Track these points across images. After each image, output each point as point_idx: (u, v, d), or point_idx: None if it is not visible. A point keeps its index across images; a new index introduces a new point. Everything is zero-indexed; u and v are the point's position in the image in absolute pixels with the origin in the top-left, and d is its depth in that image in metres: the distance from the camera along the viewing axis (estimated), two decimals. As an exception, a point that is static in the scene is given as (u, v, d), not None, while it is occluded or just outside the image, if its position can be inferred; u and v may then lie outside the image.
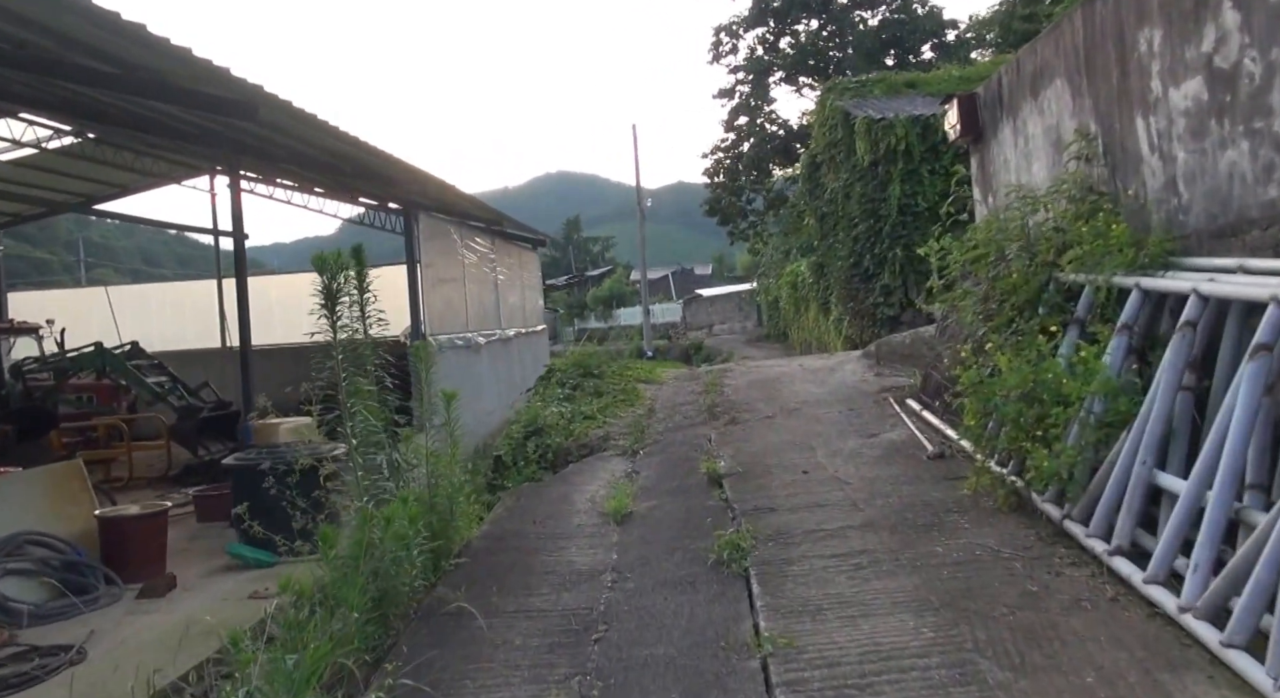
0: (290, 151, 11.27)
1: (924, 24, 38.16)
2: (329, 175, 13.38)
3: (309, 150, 11.23)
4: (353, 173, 11.99)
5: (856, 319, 16.63)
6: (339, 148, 10.91)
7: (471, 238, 15.70)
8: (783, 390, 9.79)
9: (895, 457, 6.41)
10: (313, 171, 12.70)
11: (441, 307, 13.72)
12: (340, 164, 11.57)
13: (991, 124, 7.40)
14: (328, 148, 11.01)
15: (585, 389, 10.82)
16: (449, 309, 14.11)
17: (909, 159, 14.88)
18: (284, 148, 11.19)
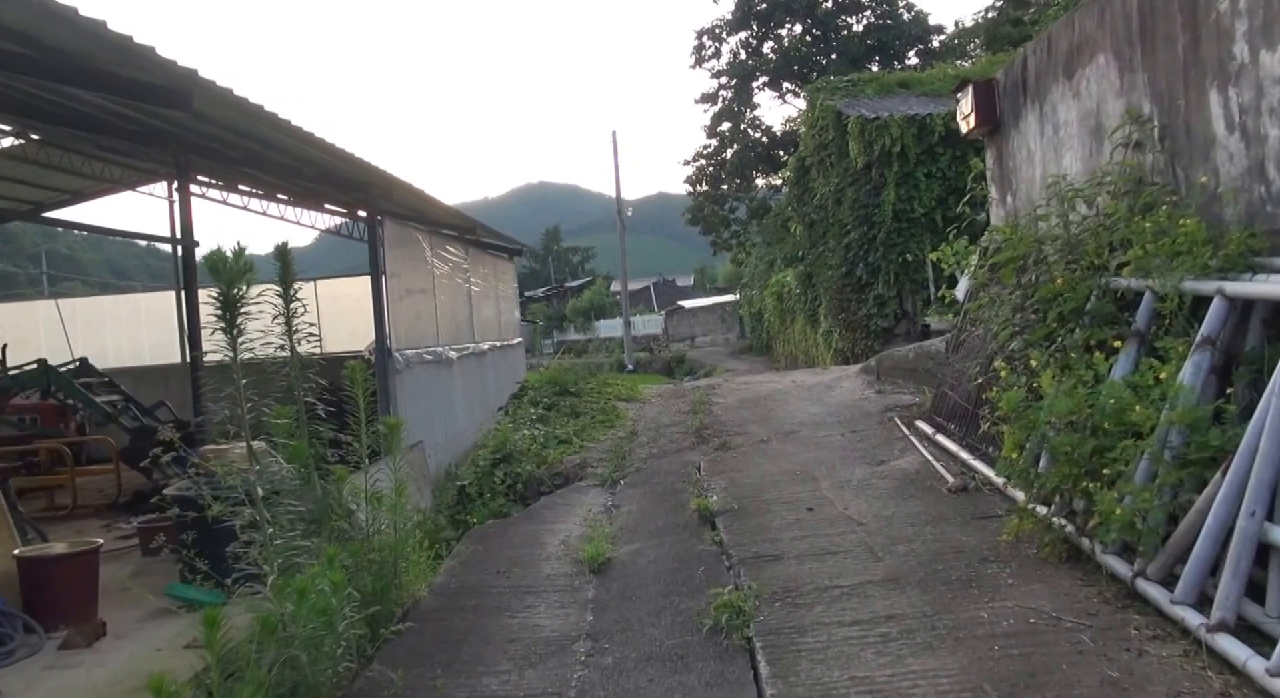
0: (246, 153, 10.41)
1: (909, 29, 37.76)
2: (289, 179, 12.54)
3: (266, 152, 10.35)
4: (314, 176, 11.13)
5: (848, 331, 15.88)
6: (298, 149, 10.06)
7: (443, 246, 14.84)
8: (777, 410, 8.99)
9: (911, 490, 5.61)
10: (271, 175, 11.81)
11: (410, 319, 12.85)
12: (300, 166, 10.71)
13: (1012, 113, 6.65)
14: (286, 149, 10.16)
15: (561, 409, 9.97)
16: (418, 322, 13.24)
17: (904, 162, 14.18)
18: (239, 149, 10.33)
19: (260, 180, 13.71)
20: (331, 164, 10.76)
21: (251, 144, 10.15)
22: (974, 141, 13.74)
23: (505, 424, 8.98)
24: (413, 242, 13.51)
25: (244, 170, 12.08)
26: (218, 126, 9.57)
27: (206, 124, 9.33)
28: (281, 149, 10.22)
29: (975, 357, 5.94)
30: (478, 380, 16.69)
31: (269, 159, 10.68)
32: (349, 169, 11.04)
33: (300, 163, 10.77)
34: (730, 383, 11.73)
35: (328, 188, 12.69)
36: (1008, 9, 32.93)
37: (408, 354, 12.05)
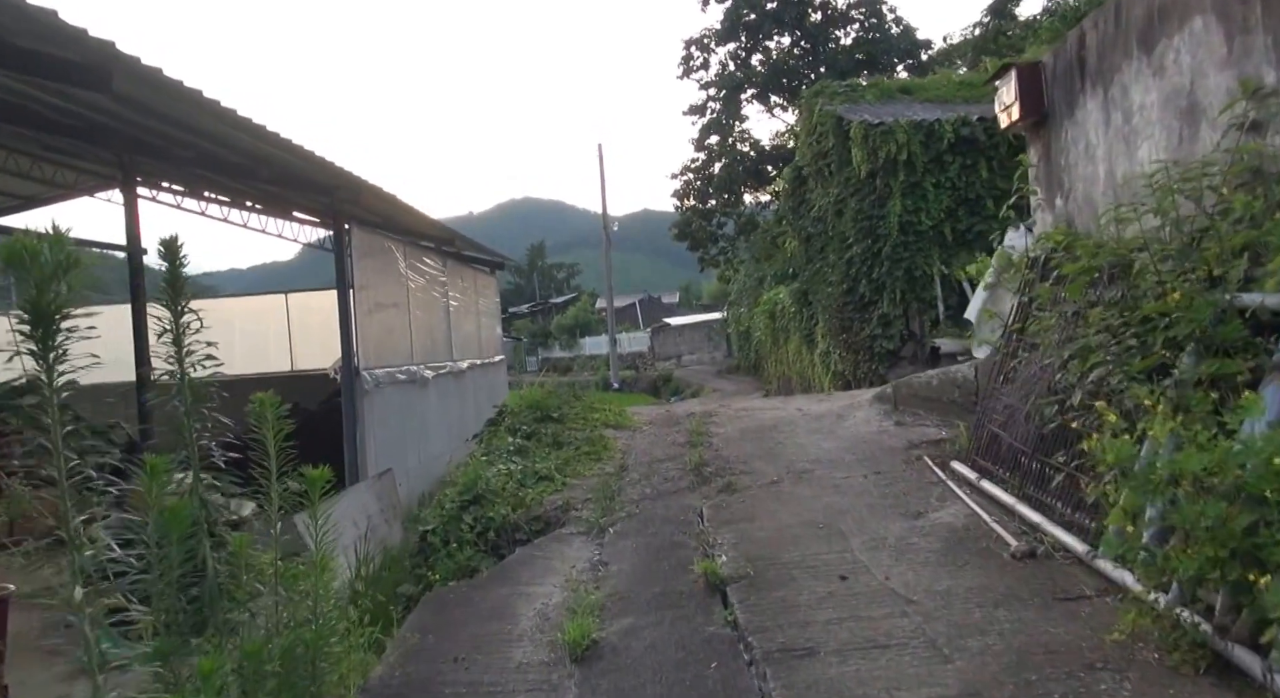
0: (198, 152, 9.35)
1: (898, 43, 37.29)
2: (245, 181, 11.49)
3: (218, 150, 9.31)
4: (272, 178, 10.06)
5: (849, 353, 14.92)
6: (252, 146, 9.03)
7: (419, 258, 13.81)
8: (785, 443, 7.96)
9: (963, 553, 4.58)
10: (226, 176, 10.76)
11: (380, 336, 11.80)
12: (257, 167, 9.65)
13: (1065, 101, 5.71)
14: (240, 146, 9.11)
15: (542, 438, 8.91)
16: (390, 339, 12.18)
17: (910, 170, 13.28)
18: (189, 147, 9.28)
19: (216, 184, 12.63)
20: (291, 164, 9.69)
21: (201, 141, 9.09)
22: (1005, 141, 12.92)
23: (478, 457, 7.90)
24: (384, 252, 12.44)
25: (196, 171, 11.02)
26: (162, 120, 8.52)
27: (149, 117, 8.26)
28: (235, 147, 9.16)
29: (1037, 390, 4.94)
30: (456, 401, 15.59)
31: (222, 158, 9.62)
32: (311, 170, 9.98)
33: (257, 162, 9.72)
34: (728, 410, 10.71)
35: (288, 190, 11.64)
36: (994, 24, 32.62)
37: (377, 374, 10.97)
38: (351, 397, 10.28)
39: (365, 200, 11.35)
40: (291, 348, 18.91)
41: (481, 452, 8.36)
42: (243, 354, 19.37)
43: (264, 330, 19.28)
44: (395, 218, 13.05)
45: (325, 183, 10.39)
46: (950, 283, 13.31)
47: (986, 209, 13.22)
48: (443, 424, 13.97)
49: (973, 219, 13.30)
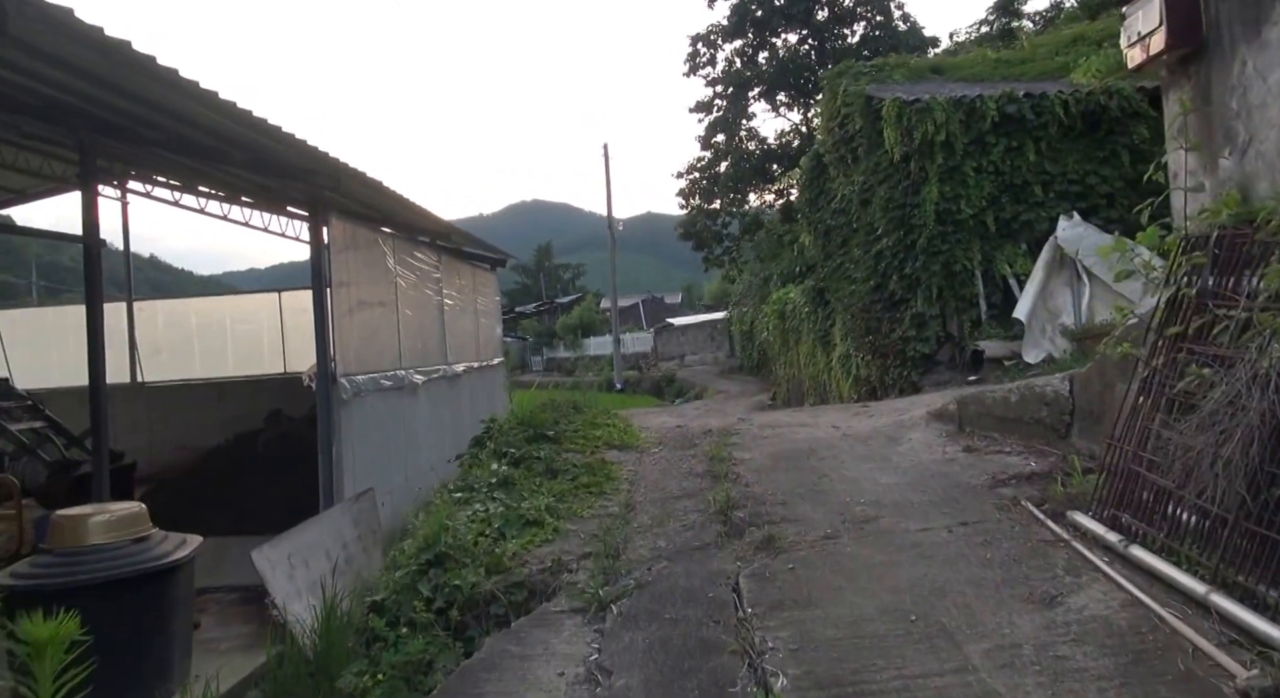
0: (167, 135, 7.95)
1: (905, 40, 35.90)
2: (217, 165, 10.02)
3: (187, 131, 7.90)
4: (246, 162, 8.62)
5: (876, 357, 13.36)
6: (220, 124, 7.62)
7: (410, 252, 12.32)
8: (831, 476, 6.39)
9: (1153, 681, 3.02)
10: (196, 159, 9.32)
11: (364, 338, 10.35)
12: (229, 150, 8.21)
13: (1240, 18, 4.14)
14: (211, 127, 7.72)
15: (532, 465, 7.36)
16: (374, 341, 10.73)
17: (949, 153, 11.73)
18: (157, 128, 7.88)
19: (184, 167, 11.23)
20: (262, 145, 8.31)
21: (166, 120, 7.71)
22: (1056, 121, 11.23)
23: (448, 496, 6.31)
24: (370, 245, 10.96)
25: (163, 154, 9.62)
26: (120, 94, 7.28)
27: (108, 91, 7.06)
28: (201, 125, 7.78)
29: (1246, 427, 3.36)
30: (449, 408, 14.09)
31: (191, 140, 8.22)
32: (284, 152, 8.59)
33: (228, 145, 8.34)
34: (750, 428, 9.12)
35: (263, 176, 10.22)
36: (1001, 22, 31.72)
37: (359, 380, 9.51)
38: (327, 407, 8.86)
39: (347, 187, 9.90)
40: (284, 349, 17.54)
41: (456, 484, 6.79)
42: (236, 356, 17.96)
43: (258, 331, 17.94)
44: (382, 208, 11.56)
45: (301, 167, 8.98)
46: (993, 278, 11.77)
47: (1033, 195, 11.69)
48: (434, 435, 12.59)
49: (1018, 207, 11.76)
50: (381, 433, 10.34)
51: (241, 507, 11.53)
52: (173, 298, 18.64)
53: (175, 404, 15.69)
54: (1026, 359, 10.77)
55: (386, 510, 8.93)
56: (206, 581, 9.08)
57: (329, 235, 9.52)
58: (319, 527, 7.37)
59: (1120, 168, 11.75)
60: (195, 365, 17.33)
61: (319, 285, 9.24)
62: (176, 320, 17.62)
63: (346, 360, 9.18)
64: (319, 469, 8.75)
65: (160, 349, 17.02)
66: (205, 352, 17.70)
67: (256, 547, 6.54)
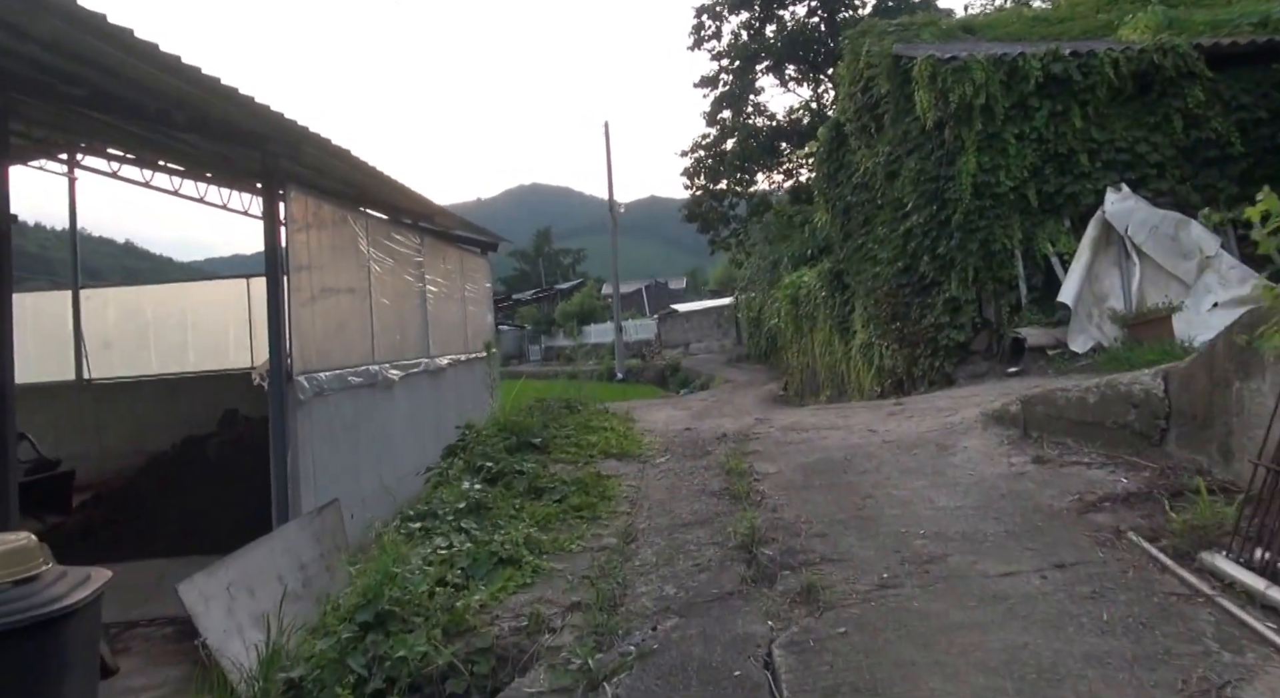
0: (92, 90, 6.80)
1: (918, 12, 34.39)
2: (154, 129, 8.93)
3: (115, 86, 6.76)
4: (189, 124, 7.47)
5: (903, 347, 12.19)
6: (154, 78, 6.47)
7: (387, 234, 11.17)
8: (876, 496, 5.25)
9: None
10: (129, 120, 8.21)
11: (329, 329, 9.22)
12: (169, 110, 7.06)
13: None
14: (137, 80, 6.57)
15: (512, 482, 6.23)
16: (341, 333, 9.60)
17: (989, 118, 10.52)
18: (78, 82, 6.74)
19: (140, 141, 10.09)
20: (205, 104, 7.17)
21: (88, 71, 6.55)
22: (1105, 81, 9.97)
23: (399, 529, 5.16)
24: (338, 224, 9.79)
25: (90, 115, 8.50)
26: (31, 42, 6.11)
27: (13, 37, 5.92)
28: (130, 79, 6.63)
29: None
30: (432, 405, 13.00)
31: (122, 97, 7.07)
32: (233, 112, 7.46)
33: (167, 104, 7.18)
34: (771, 430, 7.98)
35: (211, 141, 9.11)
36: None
37: (321, 378, 8.41)
38: (282, 409, 7.79)
39: (310, 157, 8.78)
40: (252, 342, 16.36)
41: (417, 508, 5.65)
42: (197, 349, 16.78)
43: (223, 321, 16.74)
44: (355, 183, 10.42)
45: (253, 131, 7.87)
46: (1034, 258, 10.60)
47: (1079, 165, 10.50)
48: (414, 435, 11.53)
49: (1062, 179, 10.56)
50: (349, 436, 9.34)
51: (187, 522, 10.37)
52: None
53: (127, 404, 14.62)
54: (1073, 348, 9.62)
55: (356, 523, 7.99)
56: (138, 611, 8.02)
57: (287, 211, 8.45)
58: (270, 548, 6.37)
59: (1172, 134, 10.54)
60: (151, 360, 16.21)
61: (273, 270, 8.21)
62: (130, 310, 16.41)
63: (306, 355, 8.17)
64: (272, 480, 7.77)
65: (111, 342, 15.86)
66: (162, 345, 16.54)
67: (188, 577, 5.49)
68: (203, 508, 10.57)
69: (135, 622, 7.98)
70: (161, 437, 13.37)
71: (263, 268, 8.61)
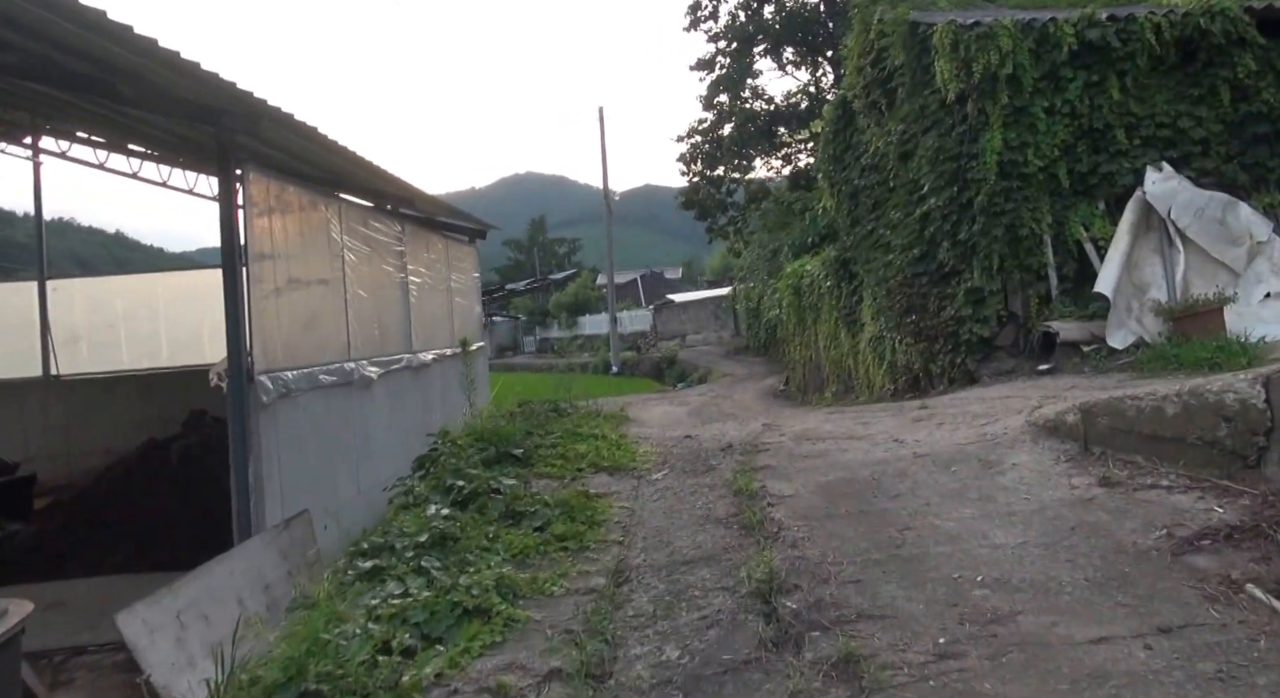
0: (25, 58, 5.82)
1: (924, -3, 33.33)
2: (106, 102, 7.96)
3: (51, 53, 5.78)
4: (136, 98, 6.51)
5: (919, 341, 11.32)
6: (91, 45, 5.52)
7: (364, 221, 10.26)
8: (916, 527, 4.38)
9: None
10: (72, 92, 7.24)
11: (296, 324, 8.29)
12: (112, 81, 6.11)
13: None
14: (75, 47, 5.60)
15: (486, 505, 5.36)
16: (312, 328, 8.68)
17: (1016, 90, 9.61)
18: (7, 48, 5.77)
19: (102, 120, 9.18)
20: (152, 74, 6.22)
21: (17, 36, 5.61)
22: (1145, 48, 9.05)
23: (337, 579, 4.28)
24: (306, 209, 8.83)
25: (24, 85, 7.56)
26: None
27: None
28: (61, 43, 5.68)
29: None
30: (416, 404, 12.11)
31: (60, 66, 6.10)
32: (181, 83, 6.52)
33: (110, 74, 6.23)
34: (783, 439, 7.10)
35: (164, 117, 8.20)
36: None
37: (287, 378, 7.42)
38: (242, 413, 6.89)
39: (271, 134, 7.83)
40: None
41: (371, 541, 4.78)
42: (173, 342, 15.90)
43: (199, 313, 15.80)
44: (323, 163, 9.46)
45: (206, 105, 6.91)
46: (1065, 244, 9.73)
47: (1115, 142, 9.60)
48: (397, 436, 10.70)
49: (1097, 157, 9.66)
50: (322, 440, 8.51)
51: (147, 534, 9.55)
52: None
53: (97, 401, 13.82)
54: (1111, 344, 8.76)
55: (331, 534, 7.24)
56: (88, 634, 7.21)
57: (246, 194, 7.55)
58: (228, 567, 5.59)
59: (1218, 107, 9.64)
60: (122, 355, 15.37)
61: (230, 258, 7.30)
62: (99, 303, 15.50)
63: (270, 353, 7.30)
64: (232, 492, 6.94)
65: (79, 336, 14.98)
66: (134, 339, 15.63)
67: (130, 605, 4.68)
68: (164, 518, 9.74)
69: (83, 648, 7.18)
70: (133, 436, 12.65)
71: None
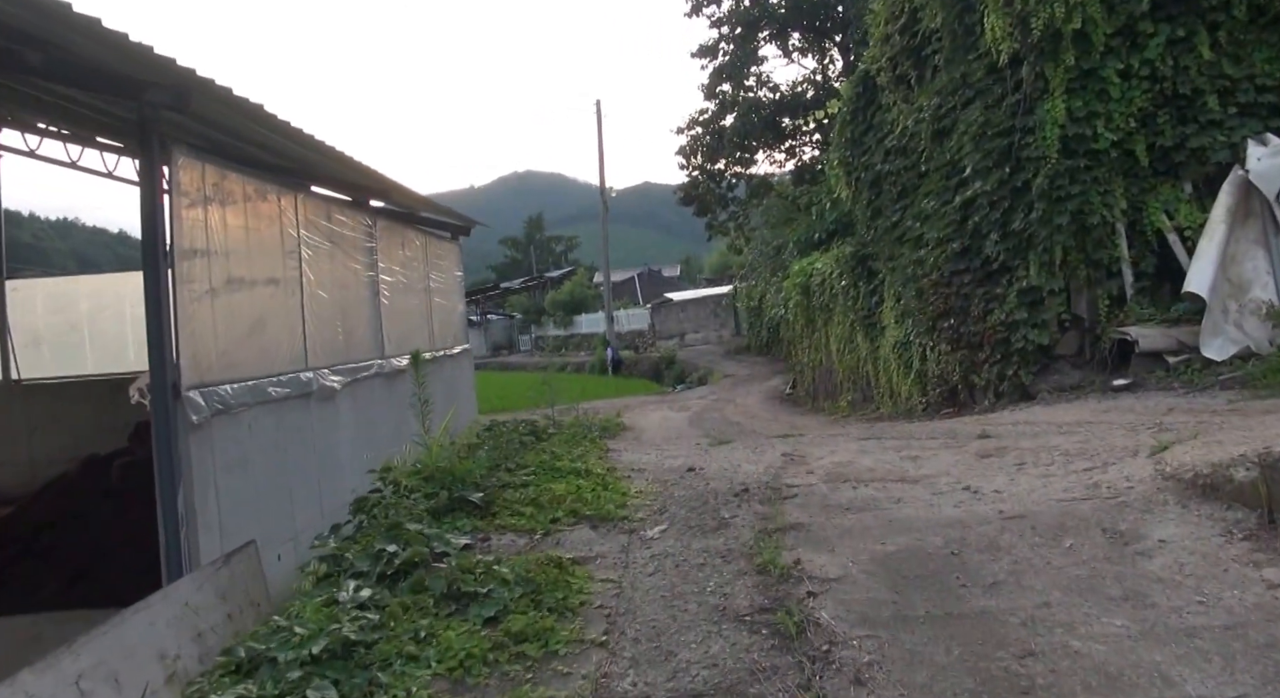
0: None
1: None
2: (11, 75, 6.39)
3: None
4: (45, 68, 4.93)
5: (959, 348, 9.76)
6: None
7: (325, 214, 8.82)
8: (1039, 643, 2.79)
9: None
10: None
11: (238, 331, 6.85)
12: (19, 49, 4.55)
13: None
14: None
15: (425, 582, 3.79)
16: (259, 334, 7.26)
17: (1085, 49, 8.05)
18: None
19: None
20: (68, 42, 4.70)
21: None
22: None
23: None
24: (253, 200, 7.36)
25: None
26: None
27: None
28: None
29: None
30: (389, 414, 10.75)
31: None
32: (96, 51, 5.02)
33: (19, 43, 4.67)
34: (810, 475, 5.51)
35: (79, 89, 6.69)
36: None
37: (225, 392, 6.40)
38: (169, 434, 5.86)
39: (205, 110, 6.34)
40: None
41: (249, 642, 3.22)
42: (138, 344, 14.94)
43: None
44: (276, 147, 7.90)
45: (127, 76, 5.45)
46: (1143, 234, 8.19)
47: (1206, 111, 8.05)
48: (369, 448, 9.56)
49: (1184, 129, 8.12)
50: (272, 460, 7.31)
51: (80, 563, 8.61)
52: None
53: (61, 407, 13.07)
54: (1207, 354, 7.23)
55: (286, 565, 6.33)
56: (0, 687, 6.06)
57: (174, 180, 6.18)
58: (148, 617, 4.52)
59: (1334, 68, 8.10)
60: (87, 359, 14.46)
61: (152, 254, 6.02)
62: (63, 303, 14.62)
63: (203, 364, 6.13)
64: (159, 526, 5.69)
65: (42, 339, 14.10)
66: (99, 341, 14.71)
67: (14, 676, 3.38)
68: (101, 545, 8.83)
69: (-11, 702, 5.85)
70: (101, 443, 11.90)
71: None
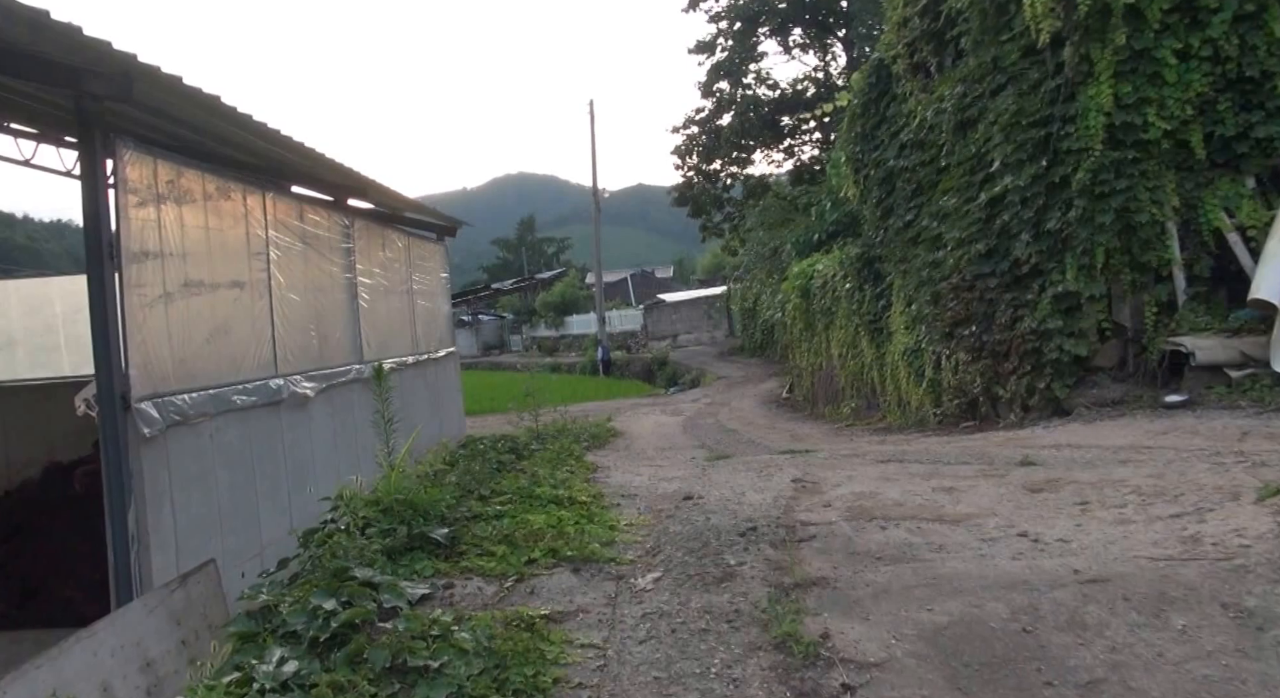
0: None
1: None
2: None
3: None
4: None
5: (981, 357, 8.92)
6: None
7: (296, 213, 8.03)
8: None
9: None
10: None
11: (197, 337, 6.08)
12: None
13: None
14: None
15: (364, 655, 2.89)
16: (221, 340, 6.51)
17: (1138, 28, 7.22)
18: None
19: None
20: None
21: None
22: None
23: None
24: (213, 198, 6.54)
25: None
26: None
27: None
28: None
29: None
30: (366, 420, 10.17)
31: None
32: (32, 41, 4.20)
33: None
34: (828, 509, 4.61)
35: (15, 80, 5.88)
36: None
37: (182, 403, 6.08)
38: (116, 449, 5.40)
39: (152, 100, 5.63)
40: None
41: None
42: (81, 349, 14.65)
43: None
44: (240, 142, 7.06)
45: (64, 64, 4.73)
46: (1198, 234, 7.37)
47: (1277, 95, 7.22)
48: (343, 456, 9.22)
49: (1247, 117, 7.28)
50: (238, 471, 6.76)
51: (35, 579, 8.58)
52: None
53: (38, 410, 12.67)
54: (1277, 368, 6.40)
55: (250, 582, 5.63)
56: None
57: (119, 176, 5.51)
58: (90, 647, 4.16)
59: None
60: (62, 361, 14.09)
61: (96, 256, 5.51)
62: (38, 304, 14.25)
63: (156, 373, 5.67)
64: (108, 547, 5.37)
65: (16, 340, 13.83)
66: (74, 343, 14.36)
67: None
68: (57, 560, 8.55)
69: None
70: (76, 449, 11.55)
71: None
